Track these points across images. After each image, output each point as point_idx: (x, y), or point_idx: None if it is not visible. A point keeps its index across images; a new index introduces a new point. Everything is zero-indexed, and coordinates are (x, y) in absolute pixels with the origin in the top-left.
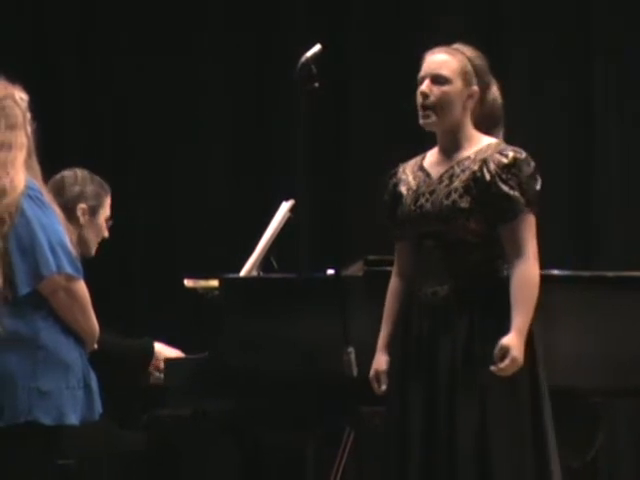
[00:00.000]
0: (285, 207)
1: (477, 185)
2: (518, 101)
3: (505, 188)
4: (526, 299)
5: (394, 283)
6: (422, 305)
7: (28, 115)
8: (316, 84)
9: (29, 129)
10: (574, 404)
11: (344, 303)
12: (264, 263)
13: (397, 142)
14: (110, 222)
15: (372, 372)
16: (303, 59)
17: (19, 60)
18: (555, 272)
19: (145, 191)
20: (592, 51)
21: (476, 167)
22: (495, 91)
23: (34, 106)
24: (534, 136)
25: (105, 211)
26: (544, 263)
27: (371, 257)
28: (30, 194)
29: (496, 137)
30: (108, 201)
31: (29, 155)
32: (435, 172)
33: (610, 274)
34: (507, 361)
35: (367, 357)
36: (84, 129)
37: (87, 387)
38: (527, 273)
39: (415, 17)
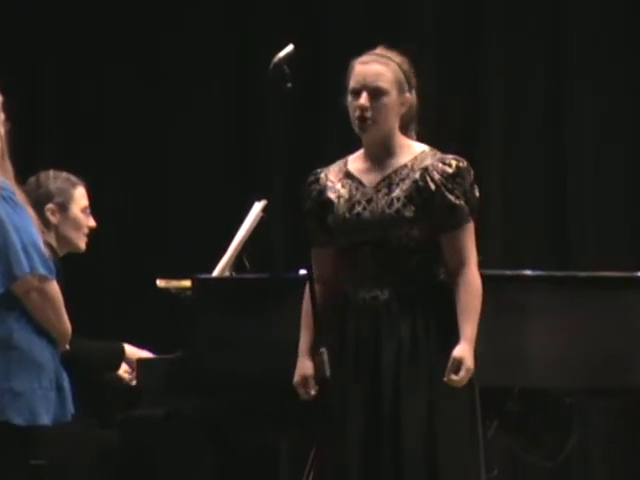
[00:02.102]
0: (258, 207)
1: (420, 194)
2: (493, 101)
3: (451, 198)
4: (474, 308)
5: (321, 288)
6: (360, 309)
7: (2, 116)
8: (289, 84)
9: (2, 130)
10: (548, 404)
11: (316, 303)
12: (237, 263)
13: None
14: (88, 212)
15: (297, 378)
16: (275, 59)
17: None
18: (528, 272)
19: (117, 191)
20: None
21: (417, 176)
22: (413, 92)
23: (10, 106)
24: (508, 140)
25: (78, 203)
26: (518, 264)
27: None
28: (3, 195)
29: (411, 134)
30: (79, 192)
31: (2, 156)
32: (368, 180)
33: (582, 274)
34: (462, 372)
35: None
36: (61, 129)
37: (59, 387)
38: (472, 281)
39: (391, 16)
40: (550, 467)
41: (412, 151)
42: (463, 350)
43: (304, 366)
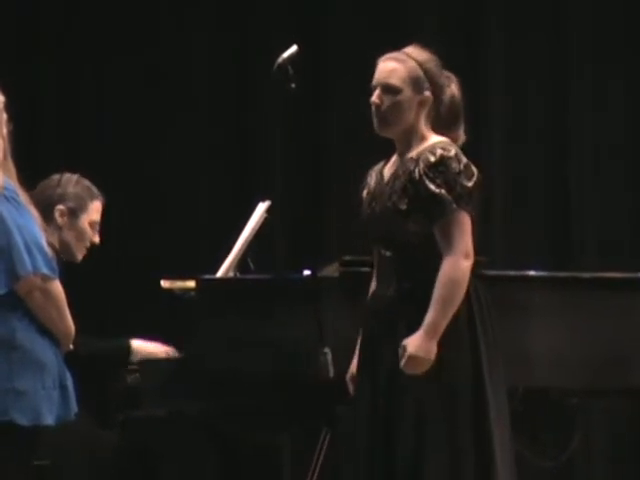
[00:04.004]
0: (262, 208)
1: (412, 185)
2: (493, 101)
3: (431, 186)
4: (443, 298)
5: (372, 286)
6: (372, 306)
7: (4, 116)
8: (293, 84)
9: (5, 130)
10: (550, 405)
11: (320, 304)
12: (241, 264)
13: (376, 143)
14: (97, 227)
15: (348, 374)
16: (279, 60)
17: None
18: (531, 273)
19: (122, 191)
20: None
21: (412, 167)
22: (453, 89)
23: (11, 107)
24: (509, 141)
25: (90, 215)
26: (521, 264)
27: (347, 258)
28: (6, 195)
29: (456, 133)
30: (95, 206)
31: (5, 156)
32: (387, 175)
33: (586, 275)
34: (404, 359)
35: (343, 357)
36: (62, 131)
37: (63, 387)
38: (451, 271)
39: (396, 16)
40: (553, 467)
41: (425, 145)
42: (411, 338)
43: (353, 363)
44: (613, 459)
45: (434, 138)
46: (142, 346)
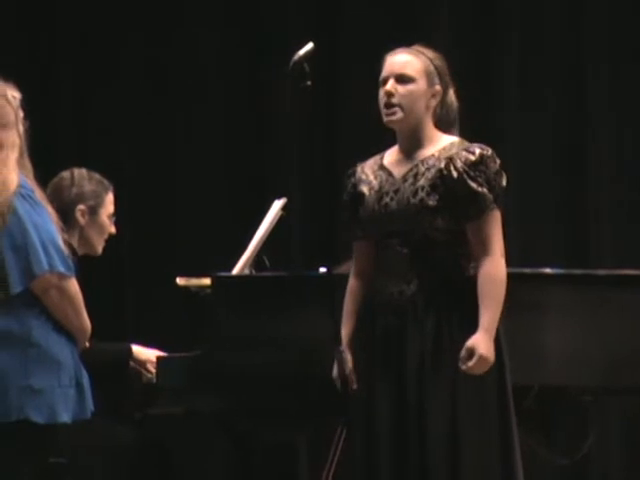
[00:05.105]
0: (277, 205)
1: (444, 183)
2: (508, 102)
3: (473, 185)
4: (493, 297)
5: (353, 283)
6: (387, 305)
7: (20, 114)
8: (308, 82)
9: (21, 128)
10: (565, 403)
11: (335, 301)
12: (256, 261)
13: (389, 141)
14: (114, 218)
15: (334, 372)
16: (295, 57)
17: (14, 58)
18: (547, 270)
19: (137, 189)
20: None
21: (442, 165)
22: (452, 94)
23: (27, 105)
24: (524, 140)
25: (107, 208)
26: (536, 261)
27: None
28: (22, 193)
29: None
30: (109, 198)
31: (21, 154)
32: (398, 171)
33: (601, 272)
34: (474, 360)
35: None
36: (77, 128)
37: (79, 385)
38: (494, 270)
39: (408, 16)
40: (568, 465)
41: (441, 142)
42: (476, 338)
43: (347, 359)
44: (629, 457)
45: (447, 136)
46: (141, 351)
